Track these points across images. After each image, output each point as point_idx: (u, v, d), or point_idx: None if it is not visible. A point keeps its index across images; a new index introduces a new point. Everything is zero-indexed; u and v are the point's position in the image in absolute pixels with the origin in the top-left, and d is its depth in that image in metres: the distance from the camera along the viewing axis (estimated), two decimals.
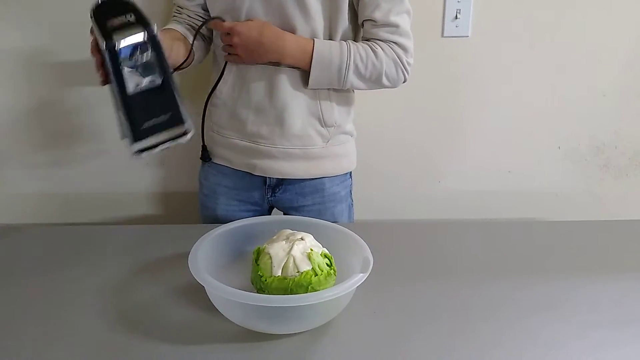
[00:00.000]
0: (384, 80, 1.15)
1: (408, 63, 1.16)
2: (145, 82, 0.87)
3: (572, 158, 1.61)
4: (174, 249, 1.09)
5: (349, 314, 0.89)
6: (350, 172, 1.31)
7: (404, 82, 1.18)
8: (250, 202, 1.28)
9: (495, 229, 1.28)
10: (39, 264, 1.06)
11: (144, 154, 0.90)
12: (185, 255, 0.89)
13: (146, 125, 0.88)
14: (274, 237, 0.94)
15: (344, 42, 1.13)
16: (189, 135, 0.91)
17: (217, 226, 1.00)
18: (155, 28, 0.86)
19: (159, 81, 0.88)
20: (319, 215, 1.23)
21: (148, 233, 1.19)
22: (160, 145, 0.90)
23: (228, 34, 1.11)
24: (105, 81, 0.89)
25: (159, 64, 0.87)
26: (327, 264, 0.90)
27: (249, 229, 1.03)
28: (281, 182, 1.24)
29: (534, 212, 1.63)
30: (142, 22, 0.86)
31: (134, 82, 0.86)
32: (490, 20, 1.46)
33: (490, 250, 1.14)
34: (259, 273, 0.89)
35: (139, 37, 0.85)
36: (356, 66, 1.12)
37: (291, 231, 0.94)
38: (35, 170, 1.52)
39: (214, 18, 1.15)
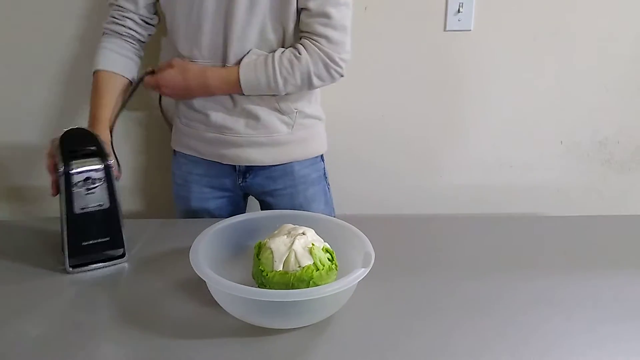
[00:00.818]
0: (315, 81, 1.15)
1: (342, 60, 1.13)
2: (93, 206, 0.97)
3: (574, 153, 1.60)
4: (175, 244, 1.08)
5: (351, 308, 0.89)
6: (322, 156, 1.32)
7: (341, 77, 1.16)
8: (223, 189, 1.30)
9: (497, 223, 1.27)
10: (37, 258, 1.05)
11: (78, 270, 1.00)
12: (187, 250, 0.89)
13: (84, 243, 0.99)
14: (276, 231, 0.93)
15: (269, 57, 1.13)
16: (125, 259, 1.03)
17: (218, 220, 1.00)
18: (111, 162, 0.98)
19: (105, 206, 0.99)
20: (292, 199, 1.26)
21: (149, 227, 1.19)
22: (95, 264, 1.01)
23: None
24: (56, 193, 0.99)
25: (109, 191, 0.98)
26: (328, 258, 0.90)
27: (250, 224, 1.02)
28: (251, 168, 1.25)
29: (536, 207, 1.63)
30: (101, 155, 0.98)
31: (82, 204, 0.97)
32: (492, 14, 1.46)
33: (491, 245, 1.14)
34: (260, 268, 0.88)
35: (95, 167, 0.96)
36: (284, 78, 1.13)
37: (292, 226, 0.94)
38: (32, 165, 1.52)
39: (144, 74, 1.18)
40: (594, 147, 1.60)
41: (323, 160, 1.33)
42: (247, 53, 1.14)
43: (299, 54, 1.12)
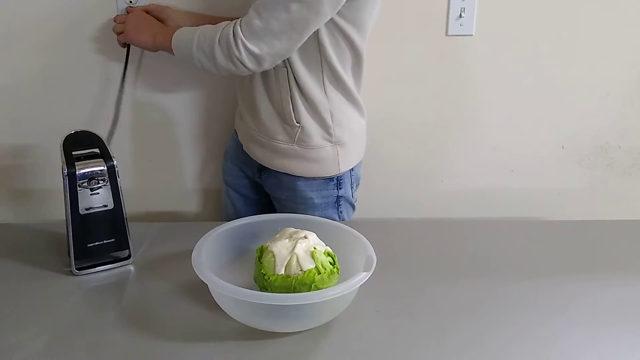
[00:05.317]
0: (218, 54, 1.04)
1: (244, 46, 1.02)
2: (97, 206, 0.99)
3: (575, 157, 1.61)
4: (179, 246, 1.09)
5: (352, 312, 0.89)
6: (337, 182, 1.21)
7: (243, 65, 1.04)
8: (246, 174, 1.32)
9: (498, 228, 1.28)
10: (43, 260, 1.06)
11: (84, 272, 1.01)
12: (189, 253, 0.89)
13: (89, 245, 1.00)
14: (277, 235, 0.94)
15: (202, 26, 1.09)
16: (130, 261, 1.04)
17: (220, 224, 1.00)
18: (115, 163, 0.99)
19: (110, 207, 1.00)
20: (291, 213, 1.19)
21: (151, 230, 1.19)
22: (100, 266, 1.02)
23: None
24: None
25: (114, 192, 0.99)
26: (330, 262, 0.90)
27: (252, 227, 1.03)
28: (265, 166, 1.24)
29: (537, 212, 1.63)
30: (104, 156, 1.00)
31: (86, 205, 0.98)
32: (494, 19, 1.46)
33: (493, 250, 1.14)
34: (262, 271, 0.89)
35: (98, 168, 0.98)
36: (198, 38, 1.06)
37: (294, 229, 0.94)
38: (37, 167, 1.52)
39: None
40: (595, 151, 1.60)
41: (339, 187, 1.22)
42: None
43: (221, 23, 1.06)
